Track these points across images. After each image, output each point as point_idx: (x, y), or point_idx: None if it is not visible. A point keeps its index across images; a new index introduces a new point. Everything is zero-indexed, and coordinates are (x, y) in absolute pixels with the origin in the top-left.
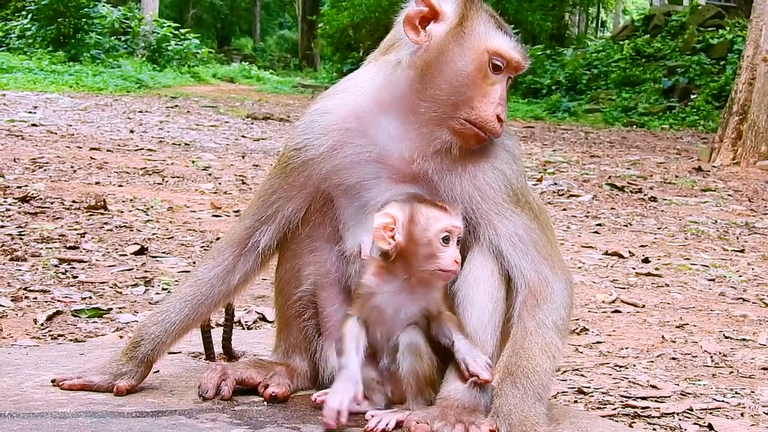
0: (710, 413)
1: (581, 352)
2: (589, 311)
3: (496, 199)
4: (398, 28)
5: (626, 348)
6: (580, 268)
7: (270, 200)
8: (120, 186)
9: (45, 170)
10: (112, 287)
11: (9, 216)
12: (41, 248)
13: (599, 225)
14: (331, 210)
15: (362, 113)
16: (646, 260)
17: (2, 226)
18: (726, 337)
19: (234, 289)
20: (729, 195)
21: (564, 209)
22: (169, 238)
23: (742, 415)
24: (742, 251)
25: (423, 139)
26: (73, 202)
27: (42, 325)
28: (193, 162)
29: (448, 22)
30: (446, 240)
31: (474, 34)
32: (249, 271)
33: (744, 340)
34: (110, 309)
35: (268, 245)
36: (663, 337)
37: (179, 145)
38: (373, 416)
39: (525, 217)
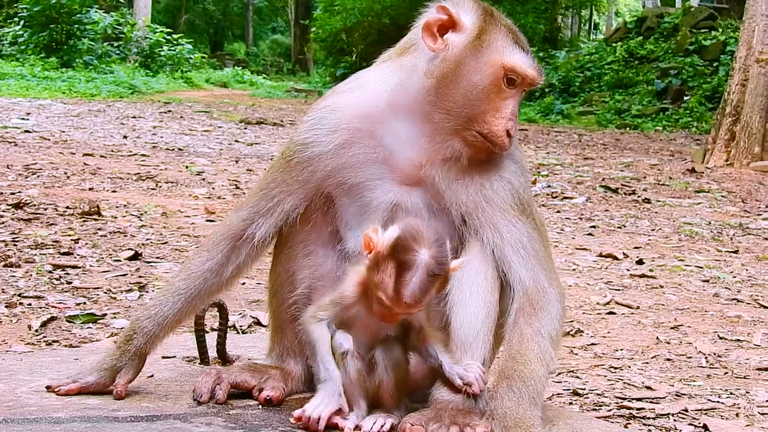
0: (705, 414)
1: (576, 354)
2: (583, 313)
3: (503, 206)
4: (416, 31)
5: (621, 349)
6: (574, 270)
7: (270, 193)
8: (113, 191)
9: (38, 176)
10: (106, 293)
11: (2, 222)
12: (35, 254)
13: (593, 227)
14: (331, 209)
15: (373, 114)
16: (640, 262)
17: None
18: (720, 338)
19: (226, 281)
20: (722, 196)
21: (558, 211)
22: (163, 243)
23: (737, 415)
24: (736, 252)
25: (433, 146)
26: (67, 208)
27: (36, 331)
28: (187, 167)
29: (467, 34)
30: (381, 304)
31: (491, 49)
32: (242, 264)
33: (738, 340)
34: (105, 314)
35: (263, 238)
36: (657, 338)
37: (173, 150)
38: (366, 420)
39: (528, 226)
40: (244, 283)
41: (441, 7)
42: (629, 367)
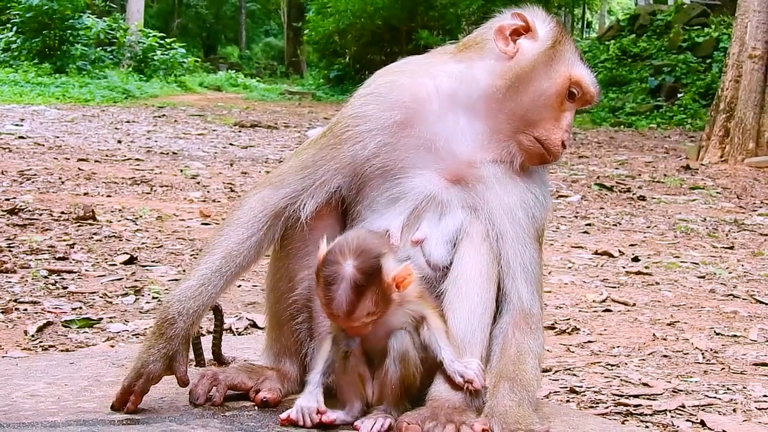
0: (702, 410)
1: (573, 352)
2: (579, 311)
3: (529, 227)
4: (484, 31)
5: (618, 346)
6: (570, 268)
7: (317, 172)
8: (108, 196)
9: (33, 182)
10: (102, 297)
11: None
12: (30, 260)
13: (589, 225)
14: (358, 196)
15: (431, 100)
16: (635, 259)
17: None
18: (717, 334)
19: (261, 256)
20: (717, 192)
21: (553, 210)
22: (158, 247)
23: (734, 410)
24: (731, 248)
25: (489, 145)
26: (62, 213)
27: (32, 336)
28: (182, 171)
29: (541, 42)
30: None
31: (562, 60)
32: (275, 238)
33: (735, 336)
34: (101, 319)
35: (306, 216)
36: (654, 334)
37: (167, 154)
38: (364, 421)
39: (537, 252)
40: (240, 285)
41: (517, 14)
42: (626, 364)
